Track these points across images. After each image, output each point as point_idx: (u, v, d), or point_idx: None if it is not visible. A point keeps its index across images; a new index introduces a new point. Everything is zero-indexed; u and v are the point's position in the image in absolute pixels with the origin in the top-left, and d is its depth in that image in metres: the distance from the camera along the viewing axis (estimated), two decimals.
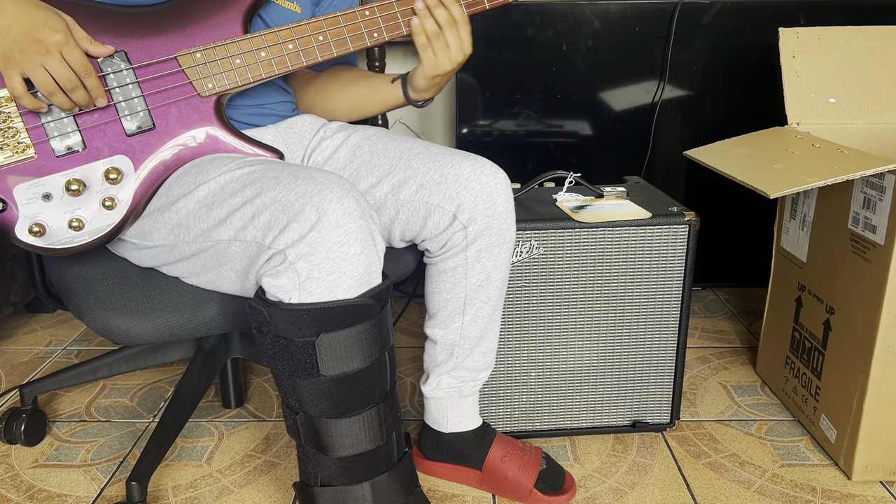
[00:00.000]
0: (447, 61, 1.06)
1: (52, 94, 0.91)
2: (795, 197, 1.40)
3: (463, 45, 1.05)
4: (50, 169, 0.96)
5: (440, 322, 1.14)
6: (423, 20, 1.03)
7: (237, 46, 1.01)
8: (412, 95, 1.15)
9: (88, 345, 1.77)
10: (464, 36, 1.05)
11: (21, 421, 1.33)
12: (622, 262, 1.25)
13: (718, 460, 1.29)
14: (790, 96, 1.36)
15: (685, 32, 1.76)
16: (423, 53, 1.06)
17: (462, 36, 1.05)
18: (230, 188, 0.92)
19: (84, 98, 0.93)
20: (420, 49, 1.06)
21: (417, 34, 1.05)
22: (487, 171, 1.05)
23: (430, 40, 1.05)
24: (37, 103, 0.92)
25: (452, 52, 1.05)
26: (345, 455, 0.94)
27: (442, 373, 1.17)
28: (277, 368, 0.92)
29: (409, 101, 1.16)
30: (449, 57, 1.05)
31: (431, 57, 1.06)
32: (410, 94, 1.14)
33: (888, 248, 1.11)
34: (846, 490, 1.21)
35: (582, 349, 1.29)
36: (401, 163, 1.08)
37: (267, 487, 1.23)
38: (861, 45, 1.38)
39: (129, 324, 0.99)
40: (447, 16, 1.03)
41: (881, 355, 1.16)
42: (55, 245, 0.98)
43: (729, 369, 1.62)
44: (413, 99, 1.15)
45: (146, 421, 1.43)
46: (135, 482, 1.10)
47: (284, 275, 0.86)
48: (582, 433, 1.36)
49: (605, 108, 1.82)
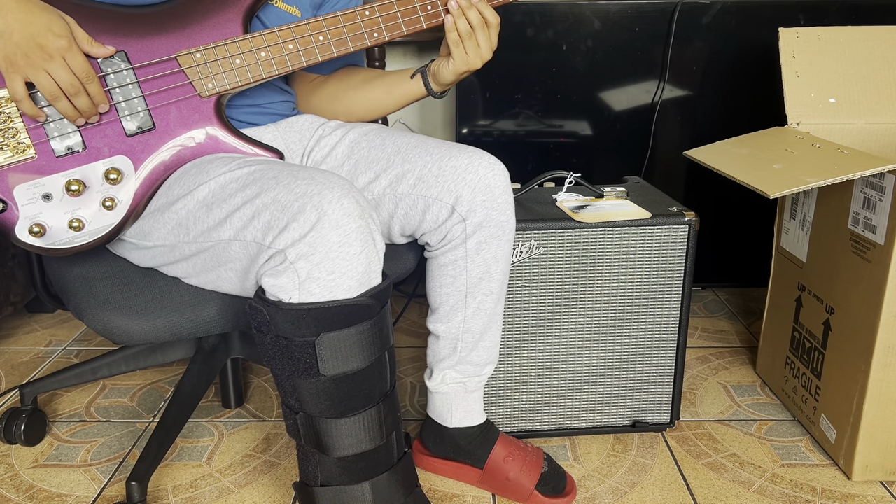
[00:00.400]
0: (478, 59, 1.08)
1: (55, 100, 0.91)
2: (795, 197, 1.40)
3: (492, 44, 1.08)
4: (50, 169, 0.96)
5: (442, 316, 1.14)
6: (457, 20, 1.06)
7: (237, 46, 1.01)
8: (434, 88, 1.16)
9: (88, 345, 1.77)
10: (493, 36, 1.08)
11: (21, 421, 1.33)
12: (622, 262, 1.25)
13: (718, 460, 1.29)
14: (790, 96, 1.36)
15: (685, 32, 1.76)
16: (454, 49, 1.08)
17: (492, 37, 1.08)
18: (230, 188, 0.92)
19: (86, 104, 0.93)
20: (452, 45, 1.07)
21: (450, 31, 1.07)
22: (485, 162, 1.05)
23: (462, 39, 1.07)
24: (36, 110, 0.93)
25: (483, 50, 1.08)
26: (345, 455, 0.94)
27: (446, 367, 1.17)
28: (277, 368, 0.92)
29: (430, 94, 1.17)
30: (479, 55, 1.08)
31: (462, 54, 1.08)
32: (433, 87, 1.16)
33: (888, 248, 1.11)
34: (846, 490, 1.21)
35: (582, 349, 1.29)
36: (398, 157, 1.08)
37: (267, 487, 1.23)
38: (861, 45, 1.38)
39: (129, 324, 0.99)
40: (479, 18, 1.06)
41: (881, 355, 1.16)
42: (55, 245, 0.98)
43: (729, 369, 1.62)
44: (435, 91, 1.16)
45: (146, 421, 1.43)
46: (135, 482, 1.10)
47: (284, 275, 0.86)
48: (582, 433, 1.36)
49: (605, 108, 1.82)
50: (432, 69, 1.14)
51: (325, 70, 1.26)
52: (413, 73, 1.17)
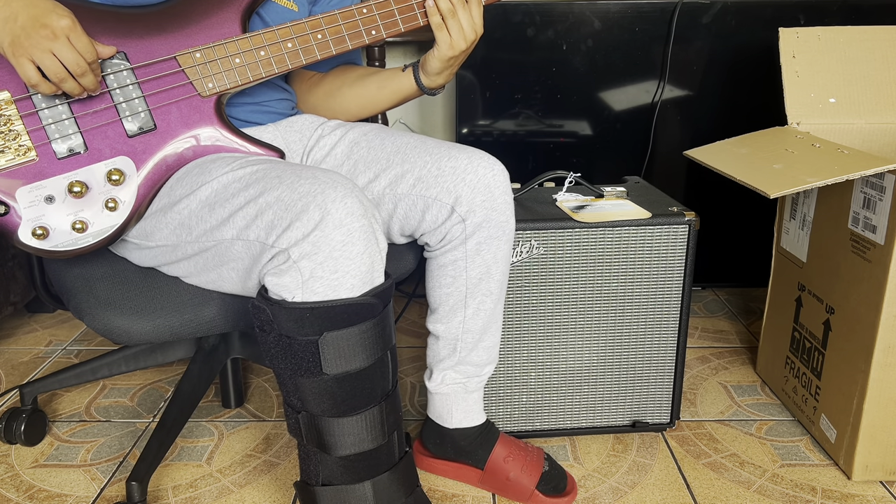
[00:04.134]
0: (461, 40, 1.07)
1: (62, 81, 0.90)
2: (795, 197, 1.41)
3: (475, 25, 1.08)
4: (52, 171, 0.96)
5: (442, 317, 1.14)
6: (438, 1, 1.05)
7: (236, 46, 1.01)
8: (425, 82, 1.15)
9: (88, 345, 1.77)
10: (475, 16, 1.07)
11: (21, 421, 1.33)
12: (622, 262, 1.25)
13: (718, 460, 1.30)
14: (790, 96, 1.36)
15: (685, 32, 1.76)
16: (438, 33, 1.07)
17: (474, 16, 1.07)
18: (233, 188, 0.92)
19: (93, 82, 0.92)
20: (435, 28, 1.07)
21: (432, 14, 1.06)
22: (485, 163, 1.05)
23: (445, 19, 1.06)
24: (53, 88, 0.91)
25: (466, 31, 1.07)
26: (346, 454, 0.94)
27: (445, 368, 1.17)
28: (280, 367, 0.92)
29: (421, 89, 1.16)
30: (463, 36, 1.07)
31: (446, 36, 1.07)
32: (423, 80, 1.15)
33: (888, 248, 1.11)
34: (846, 490, 1.21)
35: (582, 349, 1.29)
36: (398, 157, 1.08)
37: (267, 487, 1.23)
38: (861, 45, 1.38)
39: (129, 324, 0.99)
40: None
41: (881, 355, 1.16)
42: (58, 247, 0.98)
43: (729, 369, 1.62)
44: (426, 86, 1.16)
45: (146, 421, 1.43)
46: (135, 482, 1.10)
47: (288, 274, 0.86)
48: (582, 433, 1.36)
49: (605, 108, 1.82)
50: (421, 62, 1.14)
51: (322, 68, 1.26)
52: (404, 67, 1.17)
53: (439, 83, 1.16)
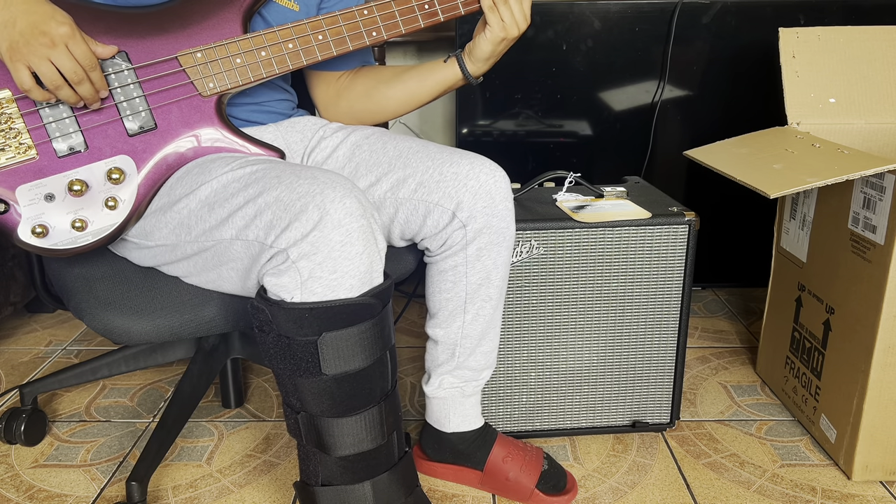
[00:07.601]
0: (514, 27, 1.08)
1: (58, 88, 0.90)
2: (795, 197, 1.41)
3: (525, 12, 1.08)
4: (52, 169, 0.96)
5: (441, 321, 1.14)
6: None
7: (237, 46, 1.01)
8: (471, 69, 1.14)
9: (88, 345, 1.77)
10: (525, 5, 1.08)
11: (21, 421, 1.33)
12: (622, 262, 1.25)
13: (718, 460, 1.30)
14: (790, 96, 1.36)
15: (685, 32, 1.76)
16: (489, 15, 1.07)
17: (524, 4, 1.08)
18: (232, 188, 0.92)
19: (89, 91, 0.93)
20: (487, 11, 1.07)
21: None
22: (486, 169, 1.05)
23: (496, 3, 1.07)
24: (46, 95, 0.92)
25: (517, 16, 1.07)
26: (346, 454, 0.94)
27: (444, 372, 1.17)
28: (279, 368, 0.92)
29: (466, 77, 1.15)
30: (515, 22, 1.08)
31: (498, 20, 1.07)
32: (469, 67, 1.14)
33: (888, 248, 1.11)
34: (846, 490, 1.21)
35: (582, 349, 1.29)
36: (399, 161, 1.08)
37: (267, 487, 1.23)
38: (861, 45, 1.38)
39: (129, 324, 0.99)
40: None
41: (881, 355, 1.16)
42: (58, 246, 0.98)
43: (729, 369, 1.62)
44: (472, 73, 1.15)
45: (146, 421, 1.43)
46: (135, 482, 1.10)
47: (286, 274, 0.86)
48: (582, 433, 1.36)
49: (605, 108, 1.82)
50: (466, 50, 1.13)
51: (335, 68, 1.25)
52: (446, 58, 1.16)
53: (484, 70, 1.15)
